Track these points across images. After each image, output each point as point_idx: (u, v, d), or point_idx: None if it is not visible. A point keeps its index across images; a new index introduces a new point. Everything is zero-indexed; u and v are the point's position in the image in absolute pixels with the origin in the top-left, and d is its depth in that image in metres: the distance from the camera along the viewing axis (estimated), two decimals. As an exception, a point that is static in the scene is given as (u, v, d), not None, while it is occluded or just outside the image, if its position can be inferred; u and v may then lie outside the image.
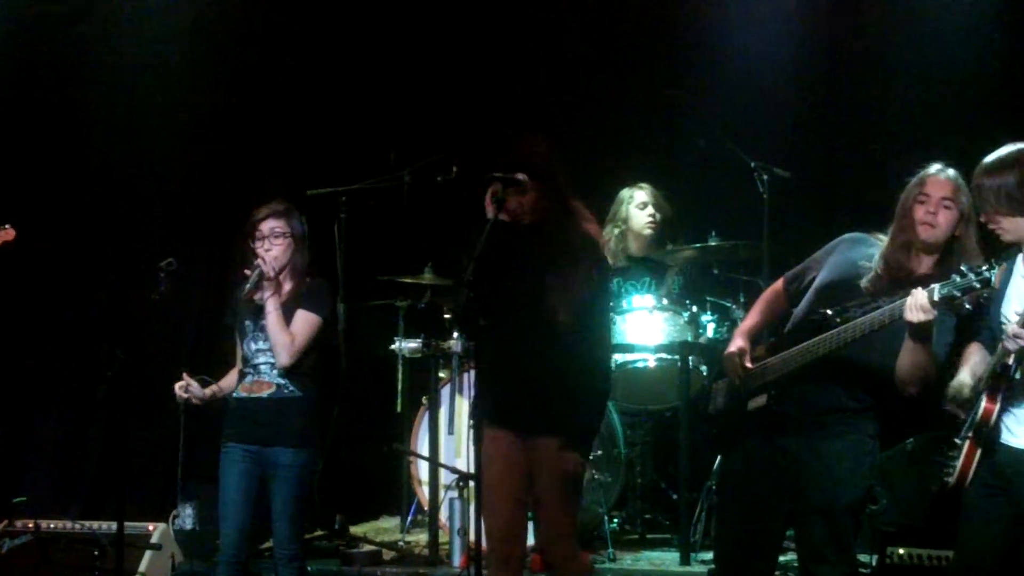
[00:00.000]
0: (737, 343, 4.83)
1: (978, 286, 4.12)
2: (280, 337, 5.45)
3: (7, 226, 6.08)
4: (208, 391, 5.60)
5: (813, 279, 4.78)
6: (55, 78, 7.50)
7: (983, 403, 4.28)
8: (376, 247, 7.44)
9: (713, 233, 6.89)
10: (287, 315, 5.48)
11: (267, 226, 5.52)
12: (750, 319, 4.96)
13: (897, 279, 4.50)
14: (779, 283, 4.97)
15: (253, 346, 5.54)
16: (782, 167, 6.66)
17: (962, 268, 4.15)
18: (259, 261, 5.46)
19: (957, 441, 4.38)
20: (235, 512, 5.47)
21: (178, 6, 7.59)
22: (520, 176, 4.49)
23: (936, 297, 4.16)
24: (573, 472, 4.61)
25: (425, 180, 6.88)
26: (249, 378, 5.54)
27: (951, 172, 4.56)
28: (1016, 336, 4.14)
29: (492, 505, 4.56)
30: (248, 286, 5.47)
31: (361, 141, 7.83)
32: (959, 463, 4.35)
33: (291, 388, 5.49)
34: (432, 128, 7.70)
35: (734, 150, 6.77)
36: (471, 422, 4.88)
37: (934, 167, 4.59)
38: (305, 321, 5.50)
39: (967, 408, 4.37)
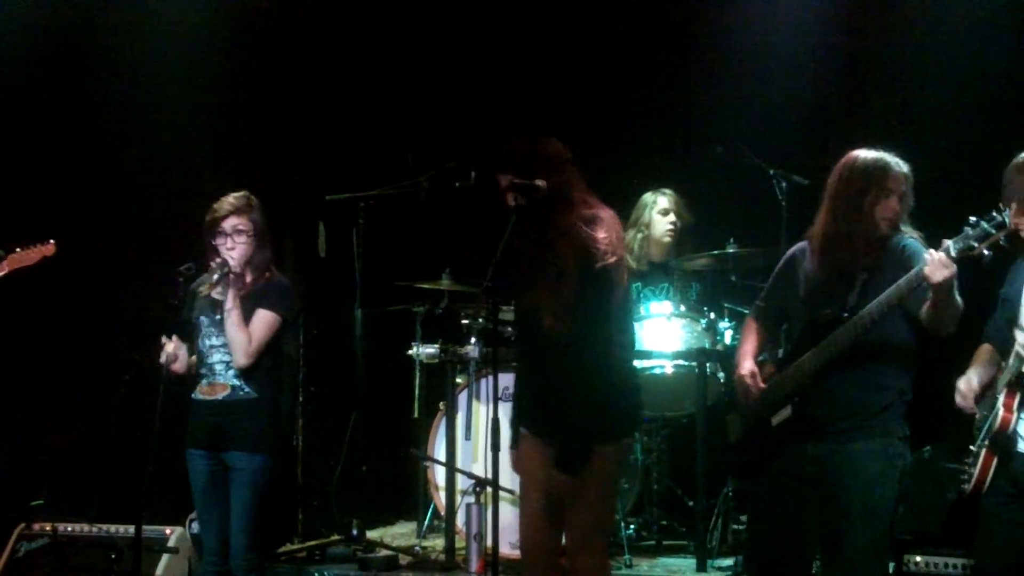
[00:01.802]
0: (746, 365, 4.73)
1: (994, 231, 4.09)
2: (238, 336, 5.33)
3: (51, 241, 6.12)
4: (189, 359, 5.45)
5: (782, 302, 4.77)
6: (69, 78, 7.51)
7: (1000, 413, 4.28)
8: (394, 252, 7.46)
9: (731, 240, 6.87)
10: (247, 313, 5.36)
11: (230, 224, 5.40)
12: (748, 343, 4.84)
13: (843, 272, 4.50)
14: (749, 320, 4.93)
15: (207, 343, 5.43)
16: (800, 174, 6.64)
17: (971, 219, 4.12)
18: (226, 257, 5.34)
19: (973, 448, 4.37)
20: (210, 519, 5.42)
21: (199, 9, 7.61)
22: (539, 183, 4.47)
23: (953, 253, 4.14)
24: (584, 480, 4.49)
25: (443, 186, 6.89)
26: (205, 380, 5.44)
27: (900, 161, 4.54)
28: None
29: (521, 510, 4.65)
30: (211, 280, 5.35)
31: (380, 147, 7.85)
32: (976, 471, 4.35)
33: (247, 390, 5.39)
34: (451, 134, 7.71)
35: (752, 157, 6.76)
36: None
37: (889, 159, 4.53)
38: (263, 320, 5.38)
39: (974, 406, 4.36)
